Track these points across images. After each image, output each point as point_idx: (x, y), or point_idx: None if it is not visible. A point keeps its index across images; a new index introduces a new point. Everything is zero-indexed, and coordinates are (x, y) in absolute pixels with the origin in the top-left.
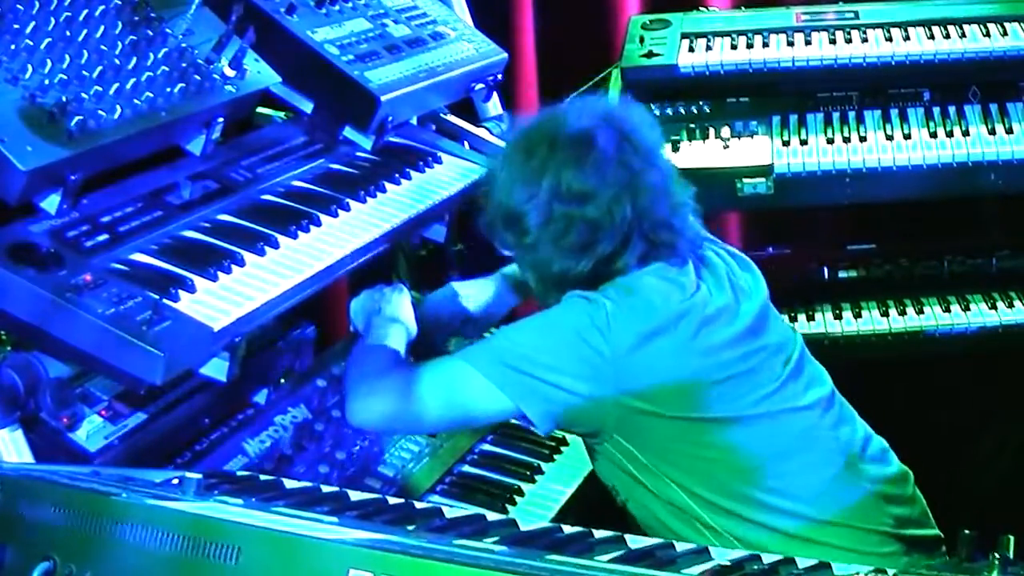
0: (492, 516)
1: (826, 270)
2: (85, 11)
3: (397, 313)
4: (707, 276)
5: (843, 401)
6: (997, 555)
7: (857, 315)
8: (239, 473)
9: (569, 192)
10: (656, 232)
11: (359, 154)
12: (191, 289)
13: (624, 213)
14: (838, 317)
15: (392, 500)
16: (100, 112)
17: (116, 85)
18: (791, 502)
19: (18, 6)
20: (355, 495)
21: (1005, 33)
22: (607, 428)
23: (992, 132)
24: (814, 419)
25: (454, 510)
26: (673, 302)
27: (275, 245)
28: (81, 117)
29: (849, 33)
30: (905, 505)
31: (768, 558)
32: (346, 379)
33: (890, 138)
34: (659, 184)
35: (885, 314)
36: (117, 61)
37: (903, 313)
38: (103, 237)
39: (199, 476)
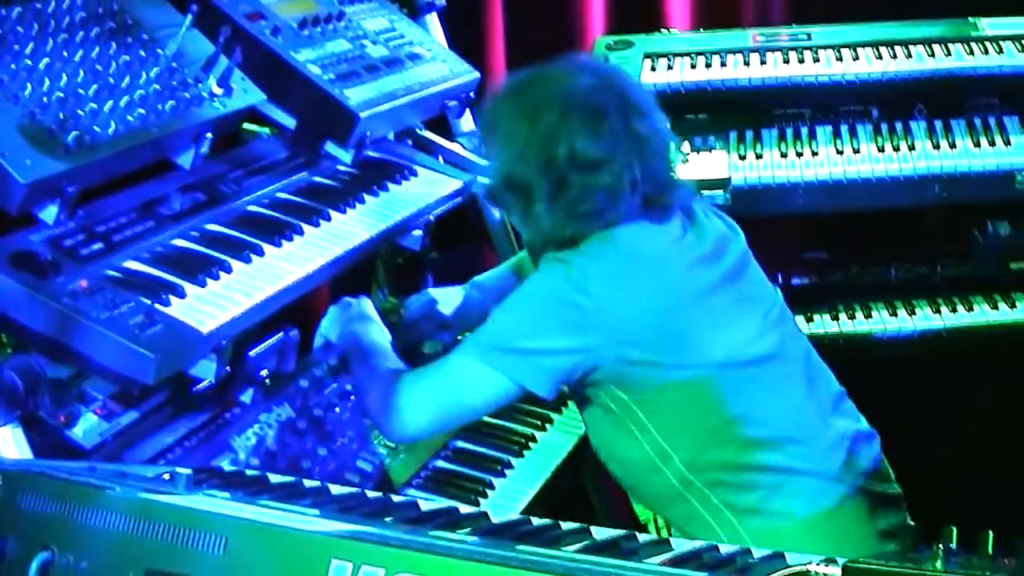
0: (465, 508)
1: (780, 277)
2: (81, 33)
3: (369, 313)
4: (691, 228)
5: (819, 358)
6: (941, 545)
7: (809, 319)
8: (227, 468)
9: (585, 161)
10: (658, 193)
11: (340, 167)
12: (181, 295)
13: (634, 176)
14: None
15: (370, 494)
16: (95, 128)
17: (110, 102)
18: (772, 451)
19: (18, 28)
20: (336, 489)
21: (949, 53)
22: (606, 378)
23: (936, 147)
24: (795, 372)
25: (429, 503)
26: (649, 247)
27: (260, 253)
28: (78, 133)
29: (802, 54)
30: (871, 461)
31: (725, 548)
32: (361, 400)
33: (840, 152)
34: (662, 147)
35: (836, 318)
36: (111, 80)
37: (852, 317)
38: (98, 246)
39: (189, 471)
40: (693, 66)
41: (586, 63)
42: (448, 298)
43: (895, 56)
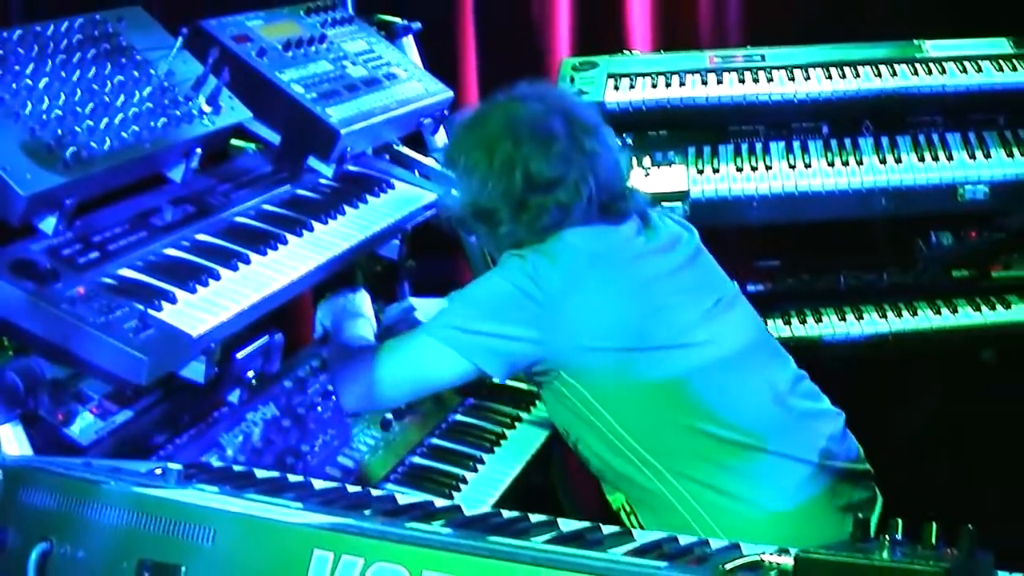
0: (439, 502)
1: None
2: (78, 54)
3: (361, 310)
4: (645, 231)
5: (776, 344)
6: (887, 536)
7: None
8: (215, 464)
9: (541, 182)
10: (614, 202)
11: (321, 181)
12: (173, 301)
13: (589, 189)
14: None
15: (351, 488)
16: (92, 144)
17: (106, 120)
18: (724, 431)
19: (19, 50)
20: (318, 483)
21: (895, 73)
22: (557, 367)
23: (883, 162)
24: (745, 355)
25: (406, 497)
26: (596, 244)
27: (247, 261)
28: (75, 148)
29: (756, 74)
30: (833, 439)
31: (684, 539)
32: (330, 376)
33: (793, 167)
34: (612, 159)
35: (788, 323)
36: (107, 99)
37: (804, 322)
38: (95, 255)
39: (180, 467)
40: (654, 85)
41: (529, 91)
42: (428, 308)
43: (844, 76)
